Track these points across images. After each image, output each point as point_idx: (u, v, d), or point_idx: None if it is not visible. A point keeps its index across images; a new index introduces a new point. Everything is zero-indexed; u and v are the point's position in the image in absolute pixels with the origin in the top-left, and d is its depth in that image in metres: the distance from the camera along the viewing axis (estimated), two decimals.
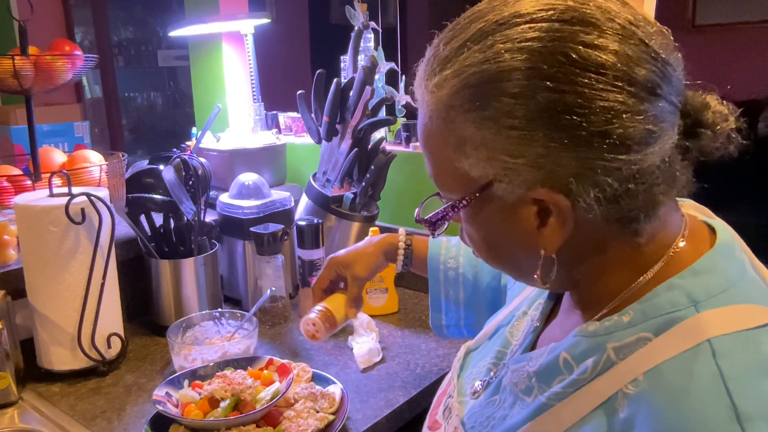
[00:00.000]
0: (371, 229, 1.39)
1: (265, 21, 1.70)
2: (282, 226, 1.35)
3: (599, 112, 0.45)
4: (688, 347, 0.45)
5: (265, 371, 1.04)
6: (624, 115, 0.45)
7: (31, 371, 1.16)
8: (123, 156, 1.28)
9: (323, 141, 1.55)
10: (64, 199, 1.10)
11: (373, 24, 1.60)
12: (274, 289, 1.33)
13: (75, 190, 1.13)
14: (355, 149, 1.47)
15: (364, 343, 1.19)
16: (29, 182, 1.40)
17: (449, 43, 0.50)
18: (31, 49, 1.31)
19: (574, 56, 0.44)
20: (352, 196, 1.50)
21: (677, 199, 0.54)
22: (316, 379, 1.07)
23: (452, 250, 1.02)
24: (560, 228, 0.49)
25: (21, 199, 1.14)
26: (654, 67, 0.46)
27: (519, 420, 0.56)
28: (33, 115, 1.34)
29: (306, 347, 1.25)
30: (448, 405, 0.71)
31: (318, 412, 0.95)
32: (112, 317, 1.20)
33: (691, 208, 0.59)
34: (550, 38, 0.45)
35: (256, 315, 1.24)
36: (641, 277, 0.51)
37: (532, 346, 0.64)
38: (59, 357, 1.15)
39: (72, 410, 1.06)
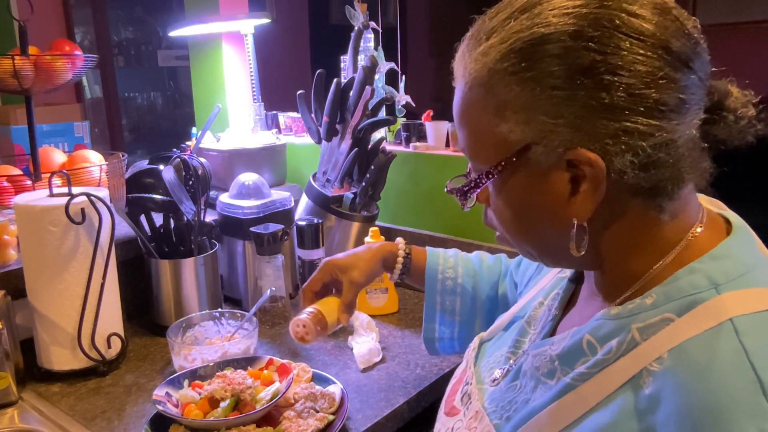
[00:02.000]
0: (371, 229, 1.39)
1: (265, 21, 1.70)
2: (282, 226, 1.35)
3: (638, 75, 0.47)
4: (711, 326, 0.46)
5: (265, 371, 1.04)
6: (660, 81, 0.48)
7: (31, 371, 1.16)
8: (123, 156, 1.28)
9: (323, 141, 1.55)
10: (64, 199, 1.10)
11: (373, 24, 1.60)
12: (274, 289, 1.33)
13: (75, 190, 1.13)
14: (355, 149, 1.47)
15: (364, 343, 1.19)
16: (29, 182, 1.40)
17: (496, 16, 0.53)
18: (31, 49, 1.31)
19: (617, 22, 0.48)
20: (352, 196, 1.50)
21: (705, 200, 0.58)
22: (316, 379, 1.06)
23: (450, 261, 1.01)
24: (593, 193, 0.51)
25: (21, 199, 1.14)
26: (687, 41, 0.50)
27: (543, 402, 0.56)
28: (33, 115, 1.34)
29: (306, 347, 1.25)
30: (466, 392, 0.71)
31: (318, 412, 0.95)
32: (112, 317, 1.20)
33: (705, 201, 0.60)
34: (595, 5, 0.48)
35: (256, 315, 1.24)
36: (662, 261, 0.53)
37: (552, 334, 0.65)
38: (59, 357, 1.15)
39: (72, 410, 1.06)
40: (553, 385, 0.57)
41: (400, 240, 1.03)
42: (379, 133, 1.58)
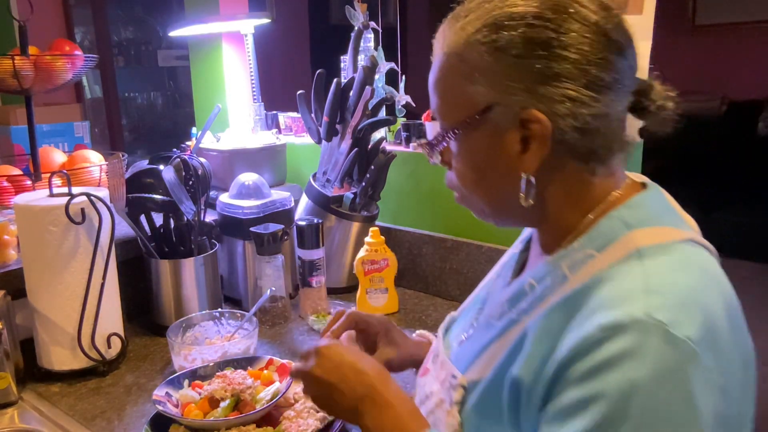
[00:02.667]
0: (371, 229, 1.39)
1: (265, 21, 1.70)
2: (282, 226, 1.35)
3: (583, 53, 0.58)
4: (623, 255, 0.58)
5: (265, 371, 1.04)
6: (599, 60, 0.59)
7: (31, 371, 1.16)
8: (123, 156, 1.28)
9: (323, 141, 1.55)
10: (64, 199, 1.10)
11: (373, 24, 1.60)
12: (274, 289, 1.33)
13: (75, 190, 1.13)
14: (355, 149, 1.47)
15: None
16: (29, 182, 1.40)
17: (474, 1, 0.64)
18: (31, 49, 1.31)
19: (570, 9, 0.59)
20: (352, 196, 1.50)
21: (632, 174, 0.68)
22: None
23: None
24: (539, 149, 0.60)
25: (21, 199, 1.14)
26: (623, 35, 0.61)
27: (491, 336, 0.66)
28: (33, 115, 1.34)
29: (306, 347, 1.25)
30: (435, 353, 0.79)
31: (318, 411, 0.95)
32: (112, 317, 1.20)
33: (632, 174, 0.69)
34: None
35: (256, 315, 1.24)
36: (587, 216, 0.63)
37: None
38: (59, 357, 1.15)
39: (72, 410, 1.06)
40: (499, 323, 0.66)
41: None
42: (379, 133, 1.58)
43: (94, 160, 1.49)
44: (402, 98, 1.62)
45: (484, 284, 0.84)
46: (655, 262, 0.56)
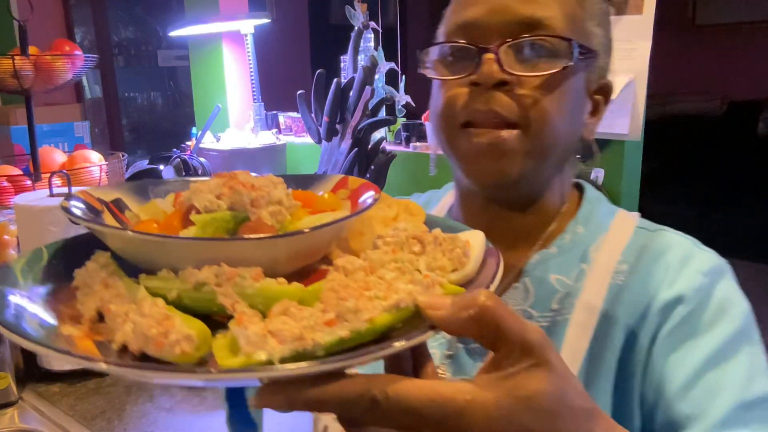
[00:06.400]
0: None
1: (265, 21, 1.70)
2: None
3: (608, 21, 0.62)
4: (629, 231, 0.61)
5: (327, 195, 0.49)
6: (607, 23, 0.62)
7: (31, 371, 1.16)
8: (123, 156, 1.28)
9: (323, 141, 1.55)
10: None
11: (373, 24, 1.60)
12: None
13: (75, 190, 1.13)
14: (355, 149, 1.47)
15: None
16: (29, 182, 1.40)
17: None
18: (31, 49, 1.31)
19: None
20: None
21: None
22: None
23: None
24: (599, 120, 0.62)
25: (21, 199, 1.14)
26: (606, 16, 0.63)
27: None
28: (33, 115, 1.35)
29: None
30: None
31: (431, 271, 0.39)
32: None
33: None
34: None
35: None
36: (564, 204, 0.63)
37: None
38: (59, 357, 1.15)
39: (72, 410, 1.06)
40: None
41: None
42: (379, 133, 1.58)
43: (94, 160, 1.49)
44: (402, 98, 1.62)
45: None
46: (648, 224, 0.62)
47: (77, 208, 0.42)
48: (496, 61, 0.53)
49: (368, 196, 0.44)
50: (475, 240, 0.41)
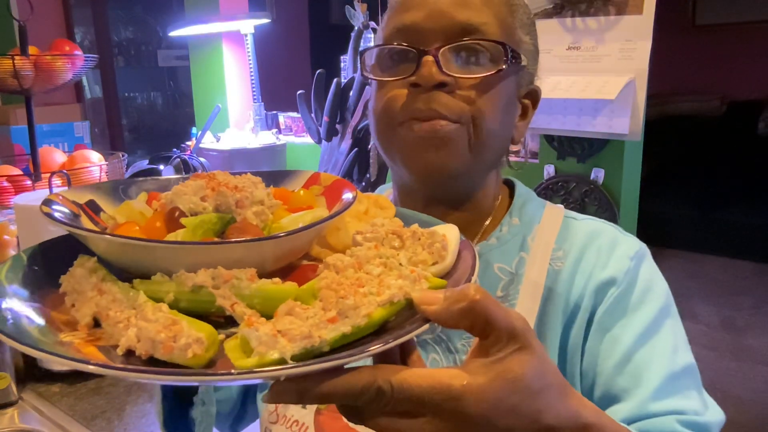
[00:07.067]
0: None
1: (265, 21, 1.70)
2: None
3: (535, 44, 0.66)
4: (560, 220, 0.66)
5: (303, 192, 0.51)
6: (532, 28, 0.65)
7: (31, 371, 1.16)
8: (123, 156, 1.28)
9: (323, 141, 1.55)
10: None
11: (373, 24, 1.60)
12: None
13: None
14: (355, 149, 1.47)
15: None
16: (29, 182, 1.40)
17: None
18: (31, 49, 1.31)
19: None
20: None
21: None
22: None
23: None
24: (527, 124, 0.65)
25: (21, 199, 1.14)
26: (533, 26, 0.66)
27: None
28: (33, 115, 1.35)
29: None
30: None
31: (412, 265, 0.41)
32: None
33: None
34: None
35: None
36: (500, 198, 0.67)
37: None
38: None
39: (72, 410, 1.06)
40: None
41: None
42: None
43: (94, 160, 1.49)
44: None
45: None
46: (575, 215, 0.68)
47: (59, 212, 0.43)
48: (435, 63, 0.56)
49: (347, 194, 0.46)
50: (450, 234, 0.44)
